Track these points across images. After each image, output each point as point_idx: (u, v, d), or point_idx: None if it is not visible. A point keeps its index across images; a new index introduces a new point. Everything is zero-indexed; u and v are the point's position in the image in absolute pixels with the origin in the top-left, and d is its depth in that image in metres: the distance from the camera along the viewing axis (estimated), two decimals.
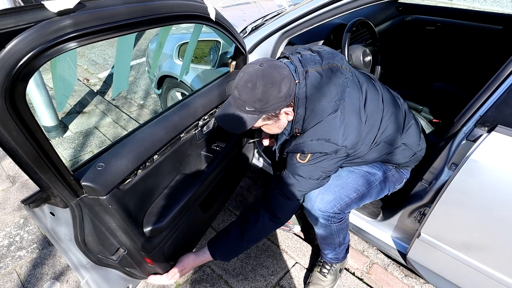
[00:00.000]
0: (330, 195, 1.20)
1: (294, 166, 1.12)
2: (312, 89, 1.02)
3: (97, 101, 3.24)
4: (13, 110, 0.63)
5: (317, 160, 1.08)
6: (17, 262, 1.64)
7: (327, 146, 1.04)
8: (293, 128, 1.10)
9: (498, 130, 1.00)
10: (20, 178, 2.18)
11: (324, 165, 1.09)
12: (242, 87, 0.99)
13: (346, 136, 1.05)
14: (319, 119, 1.05)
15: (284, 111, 1.05)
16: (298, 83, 1.02)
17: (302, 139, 1.08)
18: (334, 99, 1.04)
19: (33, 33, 0.60)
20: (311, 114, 1.04)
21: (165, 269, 1.24)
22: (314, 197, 1.21)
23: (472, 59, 1.98)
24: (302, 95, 1.02)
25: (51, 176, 0.78)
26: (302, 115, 1.05)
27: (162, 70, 2.32)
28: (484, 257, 1.12)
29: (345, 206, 1.22)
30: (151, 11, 0.83)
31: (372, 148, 1.19)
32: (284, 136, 1.16)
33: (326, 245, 1.39)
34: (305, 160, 1.09)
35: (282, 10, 2.07)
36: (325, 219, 1.21)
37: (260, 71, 0.97)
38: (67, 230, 0.95)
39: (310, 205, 1.22)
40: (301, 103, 1.03)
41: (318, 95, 1.03)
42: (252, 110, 1.01)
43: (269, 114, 1.04)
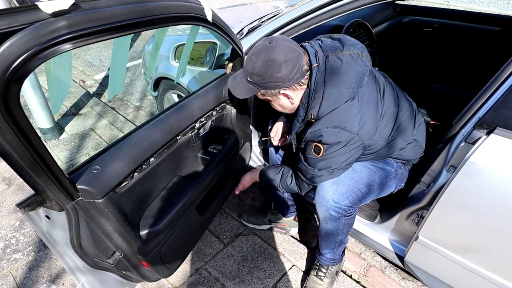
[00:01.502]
0: (344, 187, 1.20)
1: (309, 159, 1.15)
2: (331, 74, 1.03)
3: (93, 103, 3.22)
4: (7, 113, 0.62)
5: (330, 153, 1.09)
6: (12, 265, 1.62)
7: (342, 134, 1.04)
8: (308, 114, 1.09)
9: (497, 132, 1.00)
10: (16, 180, 2.16)
11: (339, 157, 1.10)
12: (248, 58, 1.03)
13: (362, 125, 1.05)
14: (335, 105, 1.04)
15: (284, 93, 1.06)
16: (317, 66, 1.03)
17: (318, 126, 1.06)
18: (352, 85, 1.03)
19: (27, 35, 0.59)
20: (328, 100, 1.03)
21: (162, 272, 1.23)
22: (328, 187, 1.21)
23: (470, 60, 1.99)
24: (321, 79, 1.03)
25: (46, 180, 0.77)
26: (319, 100, 1.04)
27: (159, 72, 2.31)
28: (482, 260, 1.12)
29: (356, 200, 1.23)
30: (147, 12, 0.82)
31: (388, 142, 1.20)
32: (297, 123, 1.15)
33: (327, 243, 1.38)
34: (319, 154, 1.10)
35: (279, 12, 2.07)
36: (336, 211, 1.21)
37: (266, 47, 0.99)
38: (63, 234, 0.94)
39: (323, 195, 1.22)
40: (319, 87, 1.03)
41: (337, 81, 1.02)
42: (252, 82, 1.05)
43: (266, 92, 1.07)
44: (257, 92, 1.09)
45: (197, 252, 1.67)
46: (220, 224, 1.84)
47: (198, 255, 1.66)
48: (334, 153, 1.09)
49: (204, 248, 1.70)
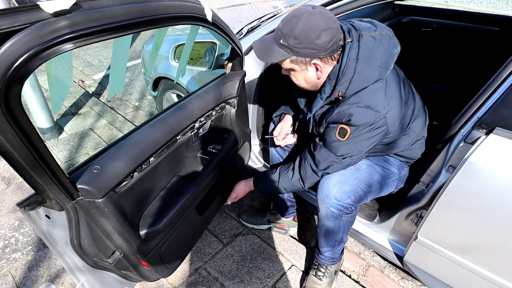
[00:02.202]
0: (348, 186, 1.20)
1: (331, 142, 1.11)
2: (364, 51, 1.01)
3: (92, 103, 3.22)
4: (8, 113, 0.62)
5: (356, 136, 1.06)
6: (12, 264, 1.62)
7: (371, 115, 1.02)
8: (335, 91, 1.06)
9: (496, 132, 1.00)
10: (15, 180, 2.16)
11: (363, 142, 1.07)
12: (287, 19, 0.99)
13: (389, 108, 1.04)
14: (365, 84, 1.03)
15: (315, 62, 1.03)
16: (351, 41, 1.01)
17: (346, 105, 1.04)
18: (383, 65, 1.03)
19: (28, 35, 0.59)
20: (359, 76, 1.02)
21: (162, 272, 1.23)
22: (332, 185, 1.20)
23: (469, 60, 2.00)
24: (354, 55, 1.01)
25: (47, 179, 0.77)
26: (350, 76, 1.02)
27: (158, 72, 2.31)
28: (481, 259, 1.13)
29: (358, 199, 1.23)
30: (148, 12, 0.82)
31: (404, 134, 1.20)
32: (320, 101, 1.11)
33: (327, 241, 1.38)
34: (344, 137, 1.07)
35: (278, 12, 2.07)
36: (338, 209, 1.21)
37: (309, 12, 0.96)
38: (62, 233, 0.94)
39: (326, 193, 1.21)
40: (351, 63, 1.01)
41: (369, 58, 1.01)
42: (285, 45, 1.00)
43: (299, 58, 1.03)
44: (286, 59, 1.03)
45: (197, 252, 1.68)
46: (219, 224, 1.85)
47: (197, 255, 1.66)
48: (360, 136, 1.06)
49: (204, 247, 1.70)
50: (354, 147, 1.10)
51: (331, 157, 1.14)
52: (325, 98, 1.10)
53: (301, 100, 1.28)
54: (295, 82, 1.15)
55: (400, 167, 1.33)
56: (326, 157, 1.15)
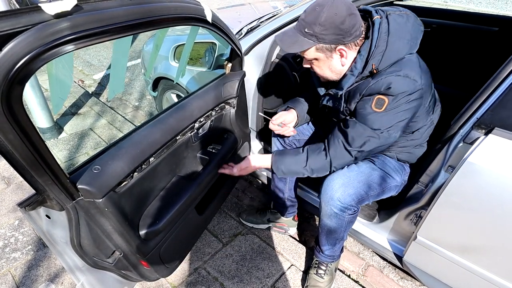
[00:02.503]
0: (352, 189, 1.20)
1: (366, 115, 1.08)
2: (394, 25, 1.03)
3: (92, 103, 3.22)
4: (10, 113, 0.62)
5: (394, 107, 1.04)
6: (11, 264, 1.62)
7: (409, 83, 1.01)
8: (368, 65, 1.05)
9: (495, 132, 1.01)
10: (15, 179, 2.16)
11: (400, 113, 1.05)
12: (311, 8, 1.01)
13: (424, 80, 1.04)
14: (397, 56, 1.04)
15: (340, 48, 1.04)
16: (380, 18, 1.04)
17: (384, 75, 1.04)
18: (412, 40, 1.05)
19: (30, 36, 0.59)
20: (391, 48, 1.03)
21: (161, 271, 1.23)
22: (337, 188, 1.20)
23: (468, 60, 2.00)
24: (385, 29, 1.03)
25: (47, 179, 0.77)
26: (382, 49, 1.03)
27: (158, 72, 2.31)
28: (480, 259, 1.13)
29: (361, 201, 1.24)
30: (148, 13, 0.83)
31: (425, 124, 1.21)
32: (352, 77, 1.09)
33: (328, 239, 1.38)
34: (381, 108, 1.04)
35: (277, 12, 2.08)
36: (341, 210, 1.22)
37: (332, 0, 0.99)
38: (63, 233, 0.94)
39: (331, 195, 1.21)
40: (383, 36, 1.03)
41: (399, 32, 1.04)
42: (310, 34, 1.01)
43: (324, 46, 1.04)
44: (312, 47, 1.04)
45: (196, 252, 1.68)
46: (219, 224, 1.85)
47: (197, 255, 1.67)
48: (398, 107, 1.04)
49: (203, 247, 1.71)
50: (392, 119, 1.06)
51: (367, 132, 1.09)
52: (357, 74, 1.08)
53: (321, 89, 1.28)
54: (319, 72, 1.15)
55: (402, 174, 1.33)
56: (362, 132, 1.09)
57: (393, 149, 1.29)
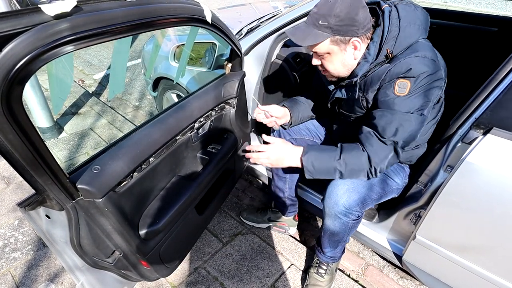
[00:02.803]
0: (356, 194, 1.19)
1: (391, 102, 1.04)
2: (403, 12, 1.04)
3: (92, 102, 3.22)
4: (10, 113, 0.63)
5: (418, 88, 1.01)
6: (11, 264, 1.62)
7: (429, 63, 1.00)
8: (382, 50, 1.05)
9: (493, 132, 1.01)
10: (15, 179, 2.16)
11: (426, 92, 1.02)
12: (323, 2, 1.01)
13: (441, 61, 1.05)
14: (411, 40, 1.03)
15: (354, 40, 1.04)
16: (389, 6, 1.06)
17: (402, 58, 1.02)
18: (422, 25, 1.06)
19: (30, 37, 0.60)
20: (403, 34, 1.03)
21: (161, 271, 1.24)
22: (341, 193, 1.19)
23: (467, 61, 2.00)
24: (395, 15, 1.04)
25: (47, 179, 0.77)
26: (395, 34, 1.03)
27: (158, 72, 2.32)
28: (479, 259, 1.14)
29: (365, 205, 1.24)
30: (147, 14, 0.83)
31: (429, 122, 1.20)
32: (366, 64, 1.08)
33: (330, 242, 1.38)
34: (405, 91, 1.01)
35: (278, 12, 2.08)
36: (345, 215, 1.21)
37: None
38: (62, 233, 0.94)
39: (335, 200, 1.20)
40: (395, 22, 1.03)
41: (410, 18, 1.04)
42: (325, 26, 1.00)
43: (339, 38, 1.03)
44: (327, 39, 1.02)
45: (196, 251, 1.68)
46: (219, 224, 1.85)
47: (197, 254, 1.67)
48: (421, 87, 1.01)
49: (203, 247, 1.71)
50: (418, 100, 1.02)
51: (396, 116, 1.04)
52: (371, 60, 1.07)
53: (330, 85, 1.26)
54: (330, 68, 1.12)
55: (403, 176, 1.33)
56: (391, 118, 1.04)
57: None
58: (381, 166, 1.10)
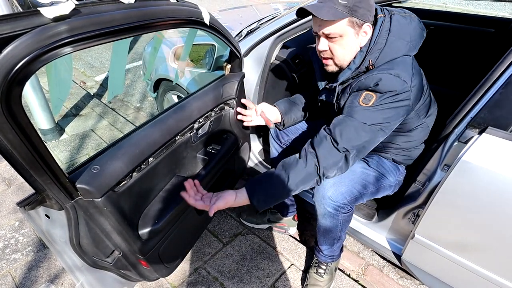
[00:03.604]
0: (343, 187, 1.21)
1: (353, 109, 1.07)
2: (396, 25, 1.06)
3: (93, 104, 3.24)
4: (9, 114, 0.64)
5: (381, 104, 1.03)
6: (12, 265, 1.63)
7: (398, 83, 1.02)
8: (365, 61, 1.07)
9: (488, 131, 1.02)
10: (16, 180, 2.18)
11: (388, 110, 1.04)
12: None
13: (415, 83, 1.06)
14: (394, 55, 1.06)
15: (368, 25, 1.05)
16: (383, 16, 1.07)
17: (376, 71, 1.05)
18: (412, 42, 1.07)
19: (29, 39, 0.61)
20: (389, 47, 1.05)
21: (161, 271, 1.24)
22: (328, 187, 1.21)
23: (465, 61, 2.01)
24: (386, 27, 1.06)
25: (47, 179, 0.78)
26: (381, 46, 1.05)
27: (158, 73, 2.33)
28: (476, 257, 1.14)
29: (354, 199, 1.24)
30: (145, 16, 0.84)
31: (419, 125, 1.22)
32: (348, 71, 1.10)
33: (325, 239, 1.39)
34: (369, 103, 1.04)
35: (277, 14, 2.09)
36: (334, 208, 1.22)
37: None
38: (62, 233, 0.95)
39: (322, 194, 1.22)
40: (384, 34, 1.06)
41: (400, 32, 1.06)
42: (344, 4, 1.00)
43: (356, 20, 1.03)
44: (345, 18, 1.01)
45: (196, 252, 1.69)
46: (219, 224, 1.86)
47: (197, 255, 1.67)
48: (385, 104, 1.04)
49: (203, 247, 1.71)
50: (378, 116, 1.04)
51: (354, 124, 1.05)
52: (354, 68, 1.09)
53: (321, 83, 1.29)
54: (339, 52, 1.09)
55: (396, 175, 1.34)
56: (349, 125, 1.05)
57: (389, 150, 1.30)
58: (329, 172, 1.07)
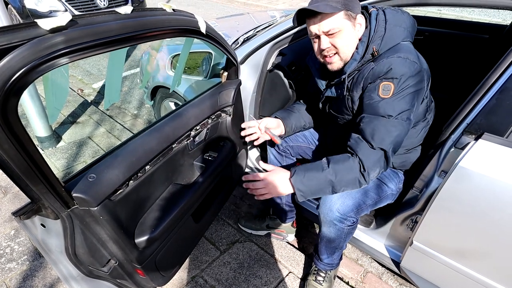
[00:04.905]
0: (351, 200, 1.21)
1: (376, 104, 1.06)
2: (390, 16, 1.11)
3: (91, 111, 3.24)
4: (5, 124, 0.64)
5: (401, 89, 1.03)
6: (7, 275, 1.61)
7: (409, 64, 1.03)
8: (369, 49, 1.09)
9: (484, 137, 1.03)
10: (12, 189, 2.16)
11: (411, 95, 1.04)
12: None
13: (422, 61, 1.09)
14: (396, 40, 1.09)
15: (359, 16, 1.11)
16: (376, 10, 1.13)
17: (383, 58, 1.05)
18: (408, 28, 1.11)
19: (26, 50, 0.61)
20: (389, 34, 1.09)
21: (157, 280, 1.23)
22: (336, 199, 1.21)
23: (460, 67, 2.03)
24: (382, 17, 1.11)
25: (42, 188, 0.78)
26: (381, 34, 1.09)
27: (156, 81, 2.34)
28: (475, 264, 1.14)
29: (360, 211, 1.25)
30: (142, 26, 0.85)
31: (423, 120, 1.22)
32: (354, 62, 1.12)
33: (327, 249, 1.39)
34: (389, 94, 1.03)
35: (274, 21, 2.11)
36: (340, 221, 1.22)
37: None
38: (58, 242, 0.94)
39: (330, 207, 1.22)
40: (381, 23, 1.10)
41: (397, 20, 1.10)
42: (337, 0, 1.05)
43: (350, 13, 1.07)
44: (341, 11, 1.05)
45: (193, 260, 1.68)
46: (216, 231, 1.85)
47: (194, 263, 1.66)
48: (406, 89, 1.03)
49: (200, 255, 1.70)
50: (402, 103, 1.03)
51: (383, 122, 1.04)
52: (359, 58, 1.12)
53: (321, 82, 1.29)
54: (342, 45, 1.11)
55: (397, 182, 1.34)
56: (377, 124, 1.05)
57: None
58: (373, 171, 1.08)
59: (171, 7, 1.00)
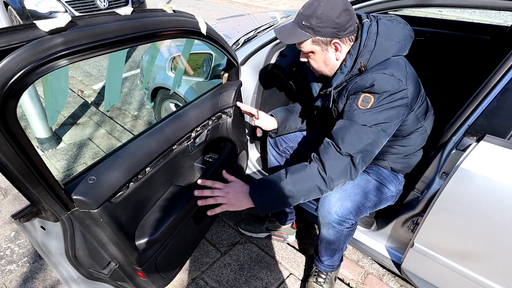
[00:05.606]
0: (350, 202, 1.21)
1: (353, 112, 1.07)
2: (383, 28, 1.08)
3: (91, 113, 3.24)
4: (4, 126, 0.63)
5: (380, 104, 1.03)
6: (7, 277, 1.61)
7: (393, 82, 1.02)
8: (357, 63, 1.08)
9: (486, 139, 1.02)
10: (12, 190, 2.16)
11: (387, 111, 1.04)
12: (309, 4, 1.06)
13: (410, 81, 1.07)
14: (385, 56, 1.07)
15: (335, 42, 1.08)
16: (370, 21, 1.10)
17: (369, 72, 1.06)
18: (400, 42, 1.09)
19: (24, 52, 0.61)
20: (379, 48, 1.07)
21: (158, 282, 1.23)
22: (334, 202, 1.21)
23: (461, 68, 2.02)
24: (374, 30, 1.08)
25: (42, 191, 0.78)
26: (371, 48, 1.07)
27: (156, 82, 2.34)
28: (476, 266, 1.13)
29: (359, 213, 1.24)
30: (142, 28, 0.84)
31: (417, 129, 1.21)
32: (340, 75, 1.12)
33: (327, 251, 1.38)
34: (367, 105, 1.05)
35: (274, 22, 2.11)
36: (339, 223, 1.22)
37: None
38: (58, 244, 0.94)
39: (328, 209, 1.21)
40: (372, 37, 1.07)
41: (389, 33, 1.08)
42: (307, 26, 1.05)
43: (320, 39, 1.07)
44: (309, 39, 1.07)
45: (194, 261, 1.67)
46: (217, 233, 1.84)
47: (194, 264, 1.66)
48: (384, 105, 1.03)
49: (201, 257, 1.70)
50: (378, 117, 1.04)
51: (354, 127, 1.04)
52: (346, 72, 1.11)
53: (315, 85, 1.31)
54: (314, 66, 1.18)
55: (396, 184, 1.34)
56: (349, 129, 1.05)
57: (386, 157, 1.30)
58: (337, 178, 1.05)
59: (172, 8, 0.99)
